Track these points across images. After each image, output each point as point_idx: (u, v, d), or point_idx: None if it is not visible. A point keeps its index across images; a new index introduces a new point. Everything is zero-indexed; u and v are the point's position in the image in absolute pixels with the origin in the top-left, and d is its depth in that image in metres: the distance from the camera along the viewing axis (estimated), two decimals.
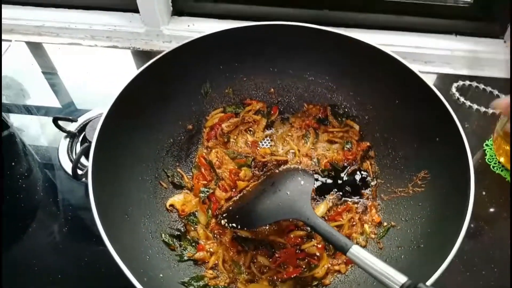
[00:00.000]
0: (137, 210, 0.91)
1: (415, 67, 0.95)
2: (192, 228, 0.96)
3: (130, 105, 0.92)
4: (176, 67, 1.01)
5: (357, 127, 1.11)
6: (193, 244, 0.93)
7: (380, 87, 1.05)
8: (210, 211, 0.98)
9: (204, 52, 1.04)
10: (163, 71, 0.99)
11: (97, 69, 1.40)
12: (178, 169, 1.05)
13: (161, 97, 1.02)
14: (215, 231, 0.96)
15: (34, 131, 1.24)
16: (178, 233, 0.94)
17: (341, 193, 1.03)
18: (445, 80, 1.33)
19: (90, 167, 0.79)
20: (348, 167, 1.07)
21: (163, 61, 0.97)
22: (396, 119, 1.03)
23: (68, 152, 1.15)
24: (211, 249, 0.93)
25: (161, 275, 0.82)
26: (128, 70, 1.43)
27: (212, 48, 1.04)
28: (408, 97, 0.99)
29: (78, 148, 1.16)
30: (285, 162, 1.06)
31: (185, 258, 0.90)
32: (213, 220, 0.97)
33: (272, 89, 1.16)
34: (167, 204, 0.98)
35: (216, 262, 0.91)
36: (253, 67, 1.12)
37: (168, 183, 1.02)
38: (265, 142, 1.13)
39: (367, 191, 1.03)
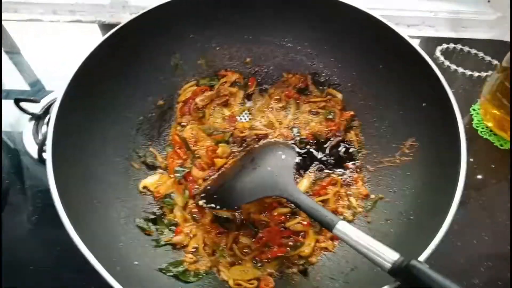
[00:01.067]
0: (107, 195, 0.84)
1: (398, 30, 0.90)
2: (169, 211, 0.90)
3: (91, 81, 0.85)
4: (140, 38, 0.95)
5: (339, 95, 1.05)
6: (170, 227, 0.88)
7: (363, 52, 0.99)
8: (187, 191, 0.92)
9: (171, 19, 0.97)
10: (126, 43, 0.92)
11: (62, 46, 1.32)
12: (151, 149, 0.98)
13: (126, 72, 0.94)
14: (194, 213, 0.90)
15: None
16: (154, 216, 0.89)
17: (324, 166, 0.98)
18: (429, 43, 1.29)
19: (49, 151, 0.72)
20: (331, 139, 1.02)
21: (125, 32, 0.90)
22: (381, 85, 0.98)
23: (33, 135, 1.08)
24: (190, 232, 0.87)
25: (136, 262, 0.77)
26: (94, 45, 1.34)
27: (179, 14, 0.97)
28: (392, 62, 0.94)
29: (44, 130, 1.09)
30: (265, 136, 1.00)
31: (162, 242, 0.85)
32: (191, 201, 0.91)
33: (248, 59, 1.09)
34: (140, 187, 0.92)
35: (196, 245, 0.85)
36: (227, 35, 1.05)
37: (140, 164, 0.95)
38: (243, 116, 1.06)
39: (351, 164, 0.98)
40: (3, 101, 1.18)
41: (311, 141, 1.02)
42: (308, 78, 1.08)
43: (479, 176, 1.02)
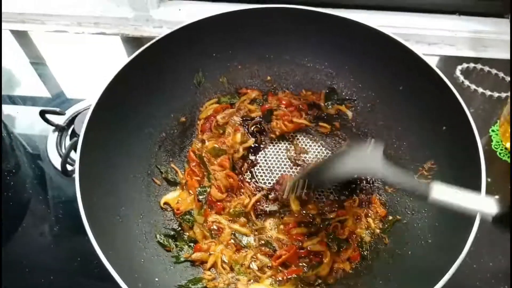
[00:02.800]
0: (129, 211, 0.86)
1: (418, 49, 0.90)
2: (188, 227, 0.92)
3: (118, 98, 0.87)
4: (166, 56, 0.96)
5: (350, 114, 1.07)
6: (190, 244, 0.89)
7: (383, 72, 1.00)
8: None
9: (196, 39, 0.99)
10: (152, 60, 0.94)
11: (86, 58, 1.35)
12: (172, 165, 1.00)
13: (151, 89, 0.97)
14: (213, 230, 0.91)
15: (22, 124, 1.18)
16: (174, 233, 0.90)
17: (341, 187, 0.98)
18: (449, 62, 1.28)
19: (77, 167, 0.74)
20: None
21: (152, 50, 0.92)
22: (400, 106, 0.98)
23: (57, 147, 1.10)
24: (208, 249, 0.88)
25: (156, 279, 0.78)
26: (117, 57, 1.37)
27: (204, 34, 0.99)
28: (412, 83, 0.95)
29: (67, 142, 1.11)
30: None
31: (182, 259, 0.86)
32: (210, 218, 0.92)
33: (269, 77, 1.11)
34: (161, 202, 0.93)
35: (215, 262, 0.86)
36: (248, 54, 1.07)
37: (161, 180, 0.97)
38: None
39: (368, 185, 0.99)
40: (28, 109, 1.21)
41: None
42: (322, 94, 1.09)
43: (497, 197, 1.01)
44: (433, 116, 0.90)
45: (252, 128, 1.06)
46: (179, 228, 0.92)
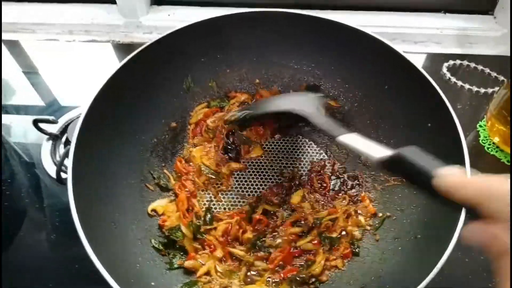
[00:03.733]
0: (123, 217, 0.86)
1: (404, 48, 0.93)
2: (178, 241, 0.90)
3: (108, 105, 0.88)
4: (154, 62, 0.97)
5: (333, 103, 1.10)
6: (182, 253, 0.89)
7: (369, 72, 1.02)
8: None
9: (183, 44, 0.99)
10: (140, 67, 0.94)
11: (78, 65, 1.35)
12: (165, 170, 1.01)
13: (140, 95, 0.97)
14: (205, 245, 0.90)
15: (16, 134, 1.19)
16: (166, 240, 0.90)
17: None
18: (436, 60, 1.30)
19: (69, 176, 0.74)
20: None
21: (139, 58, 0.92)
22: (386, 105, 1.00)
23: (51, 155, 1.11)
24: (202, 260, 0.88)
25: (153, 283, 0.79)
26: (109, 64, 1.38)
27: (191, 40, 1.00)
28: (397, 82, 0.97)
29: (61, 150, 1.12)
30: None
31: (175, 266, 0.86)
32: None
33: (257, 80, 1.12)
34: (149, 209, 0.93)
35: (208, 270, 0.87)
36: (236, 58, 1.08)
37: (154, 186, 0.98)
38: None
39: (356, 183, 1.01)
40: (21, 118, 1.22)
41: None
42: (302, 87, 1.11)
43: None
44: (418, 113, 0.92)
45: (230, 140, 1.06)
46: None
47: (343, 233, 0.92)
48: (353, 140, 0.74)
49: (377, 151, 0.67)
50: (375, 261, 0.86)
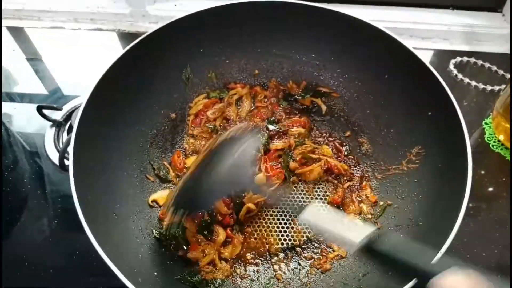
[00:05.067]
0: (125, 207, 0.86)
1: (412, 43, 0.93)
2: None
3: (108, 96, 0.87)
4: (154, 52, 0.96)
5: (324, 108, 1.09)
6: (184, 244, 0.89)
7: (368, 62, 1.01)
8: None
9: (183, 34, 0.99)
10: (140, 57, 0.93)
11: (83, 54, 1.35)
12: (164, 162, 1.00)
13: (140, 85, 0.96)
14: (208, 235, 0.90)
15: (20, 120, 1.18)
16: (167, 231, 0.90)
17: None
18: (443, 56, 1.29)
19: (71, 167, 0.73)
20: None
21: (139, 48, 0.92)
22: (386, 95, 1.00)
23: (54, 142, 1.11)
24: (204, 250, 0.88)
25: (155, 273, 0.79)
26: (114, 53, 1.35)
27: (190, 30, 0.99)
28: (397, 71, 0.96)
29: (65, 137, 1.12)
30: None
31: (177, 256, 0.87)
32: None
33: (256, 71, 1.12)
34: (149, 200, 0.93)
35: (211, 260, 0.87)
36: (236, 48, 1.07)
37: (154, 177, 0.97)
38: None
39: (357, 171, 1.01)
40: (25, 106, 1.21)
41: None
42: (302, 85, 1.11)
43: (490, 189, 1.03)
44: (419, 102, 0.92)
45: None
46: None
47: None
48: (326, 218, 0.67)
49: (355, 232, 0.61)
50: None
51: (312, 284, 0.86)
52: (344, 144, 1.06)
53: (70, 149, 0.76)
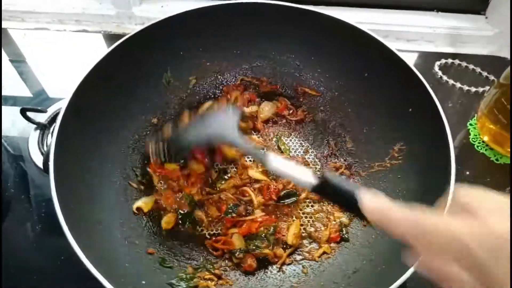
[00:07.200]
0: (109, 216, 0.85)
1: (397, 46, 0.95)
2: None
3: (88, 101, 0.86)
4: (135, 55, 0.95)
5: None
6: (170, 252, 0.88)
7: (349, 62, 1.02)
8: None
9: (162, 37, 0.97)
10: (120, 61, 0.92)
11: (68, 55, 1.31)
12: (148, 168, 0.98)
13: (121, 90, 0.95)
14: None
15: (3, 123, 1.15)
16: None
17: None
18: (428, 58, 1.31)
19: (51, 176, 0.72)
20: None
21: (118, 51, 0.91)
22: (367, 93, 1.01)
23: (39, 145, 1.08)
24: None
25: (143, 281, 0.77)
26: (99, 55, 1.35)
27: (170, 32, 0.98)
28: (377, 69, 0.97)
29: (49, 140, 1.10)
30: None
31: (166, 264, 0.86)
32: None
33: (238, 74, 1.12)
34: (134, 208, 0.91)
35: None
36: (216, 51, 1.06)
37: (138, 184, 0.96)
38: None
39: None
40: (8, 109, 1.19)
41: None
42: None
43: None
44: (400, 100, 0.93)
45: None
46: None
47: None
48: (284, 164, 0.71)
49: (307, 176, 0.67)
50: (365, 245, 0.88)
51: (302, 284, 0.86)
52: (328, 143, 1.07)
53: (50, 158, 0.74)
